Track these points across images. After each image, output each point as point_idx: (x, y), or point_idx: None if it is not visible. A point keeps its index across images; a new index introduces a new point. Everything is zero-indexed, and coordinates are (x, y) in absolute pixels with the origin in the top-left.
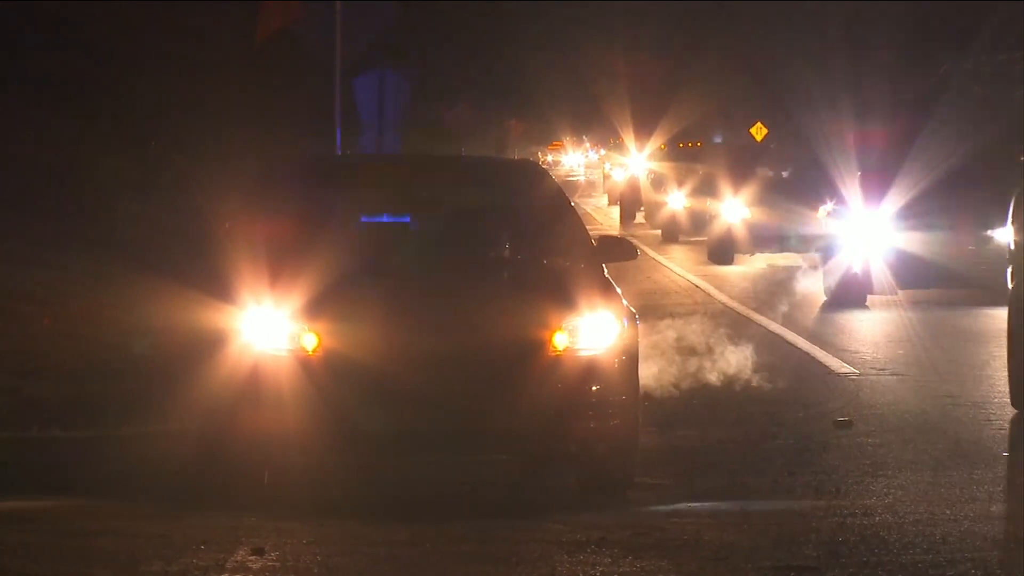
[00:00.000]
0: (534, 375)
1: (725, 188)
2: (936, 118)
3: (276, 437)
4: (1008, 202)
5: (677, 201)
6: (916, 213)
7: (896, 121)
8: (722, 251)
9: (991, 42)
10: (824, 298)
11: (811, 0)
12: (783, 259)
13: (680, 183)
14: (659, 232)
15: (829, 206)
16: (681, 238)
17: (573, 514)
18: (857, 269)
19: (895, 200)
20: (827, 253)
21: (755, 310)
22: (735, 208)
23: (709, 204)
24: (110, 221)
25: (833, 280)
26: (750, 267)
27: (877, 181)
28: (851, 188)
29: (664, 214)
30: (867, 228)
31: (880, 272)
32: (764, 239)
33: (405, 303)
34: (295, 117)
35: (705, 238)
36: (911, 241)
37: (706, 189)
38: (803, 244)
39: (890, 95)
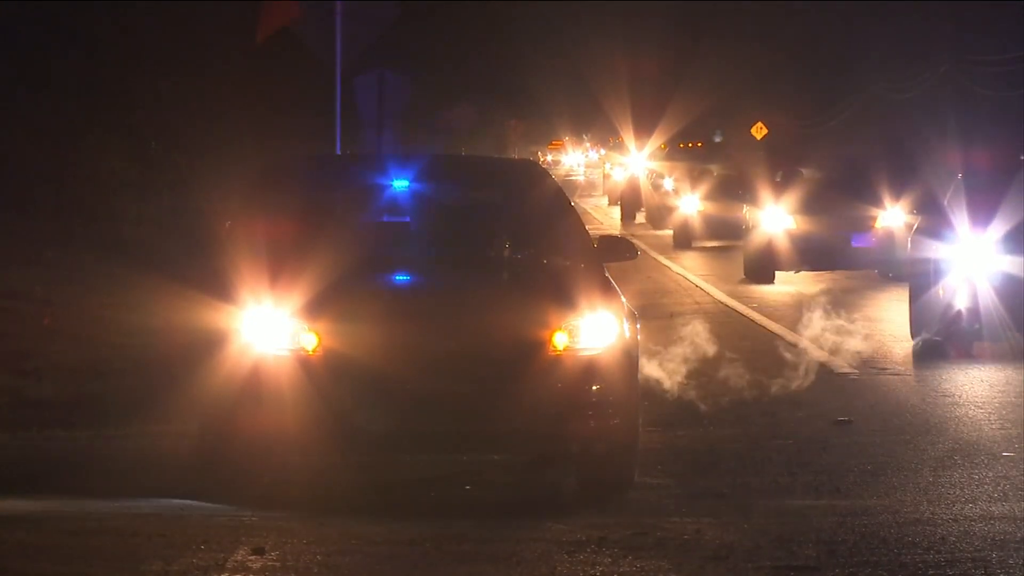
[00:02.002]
0: (534, 375)
1: (765, 193)
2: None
3: (276, 437)
4: None
5: (690, 204)
6: None
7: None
8: (761, 267)
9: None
10: (915, 340)
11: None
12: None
13: (693, 185)
14: (657, 233)
15: (895, 213)
16: (695, 244)
17: (573, 514)
18: (962, 306)
19: (1007, 218)
20: (921, 282)
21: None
22: (776, 216)
23: (746, 212)
24: (110, 221)
25: (929, 318)
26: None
27: (985, 194)
28: (956, 203)
29: (676, 218)
30: (974, 253)
31: (992, 309)
32: (812, 253)
33: (405, 303)
34: (295, 117)
35: (720, 243)
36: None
37: (726, 192)
38: (860, 260)
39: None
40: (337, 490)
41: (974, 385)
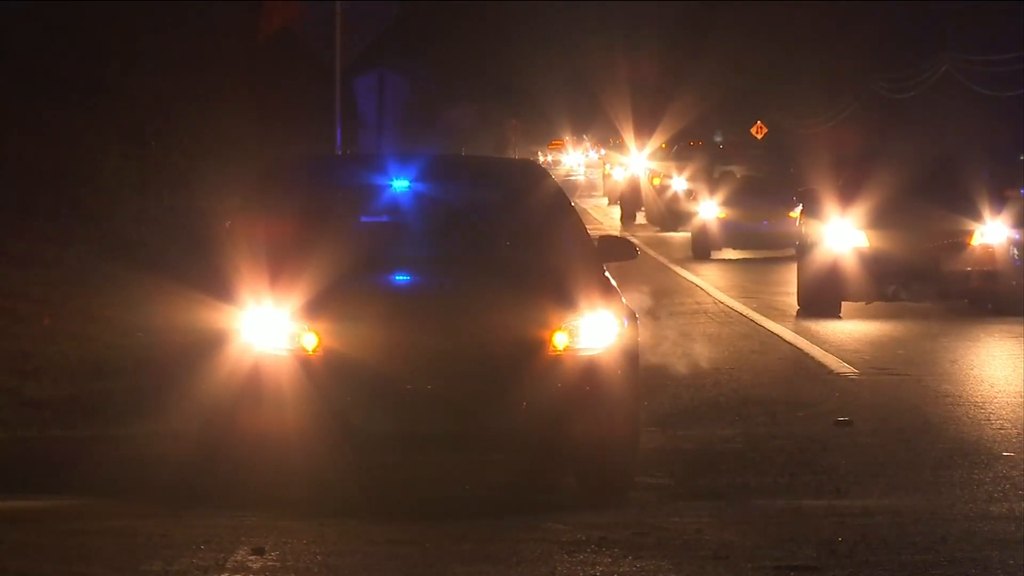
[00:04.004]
0: (534, 375)
1: (828, 202)
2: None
3: (276, 437)
4: None
5: (709, 210)
6: None
7: None
8: (824, 297)
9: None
10: None
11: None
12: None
13: (712, 188)
14: (661, 235)
15: (997, 228)
16: (714, 254)
17: (573, 514)
18: None
19: None
20: None
21: None
22: (843, 232)
23: (801, 225)
24: (110, 221)
25: None
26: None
27: None
28: None
29: (695, 225)
30: None
31: None
32: (889, 279)
33: (405, 303)
34: (295, 116)
35: (744, 255)
36: None
37: (752, 196)
38: (952, 286)
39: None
40: (337, 490)
41: (974, 385)
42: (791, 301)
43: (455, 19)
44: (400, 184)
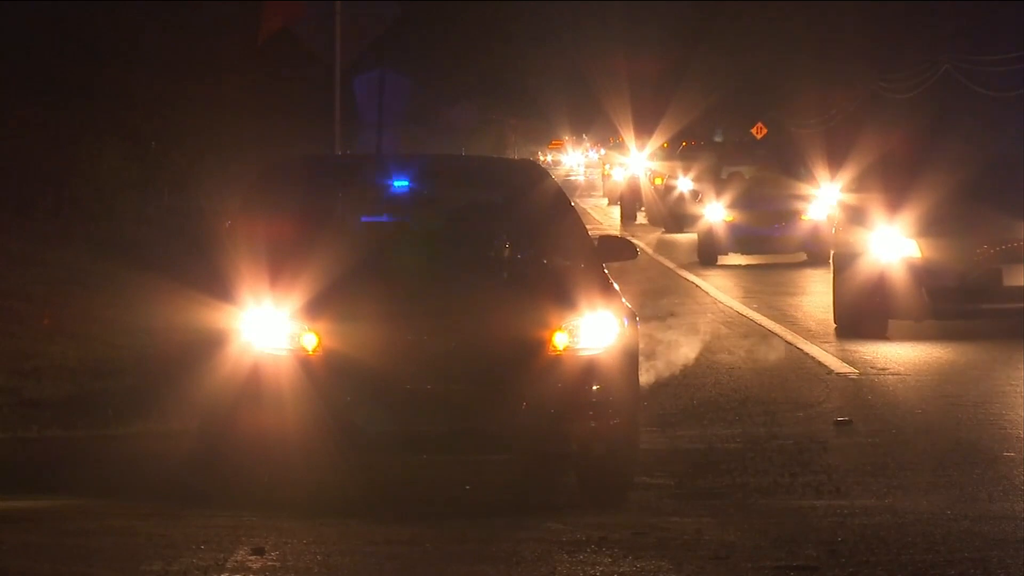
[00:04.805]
0: (534, 375)
1: (873, 208)
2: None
3: (276, 437)
4: None
5: (716, 212)
6: None
7: None
8: (869, 314)
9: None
10: None
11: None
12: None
13: (719, 189)
14: (663, 237)
15: None
16: (720, 260)
17: (573, 514)
18: None
19: None
20: None
21: None
22: (890, 240)
23: (838, 232)
24: (110, 221)
25: None
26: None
27: None
28: None
29: (701, 227)
30: None
31: None
32: (944, 293)
33: (405, 303)
34: (295, 116)
35: (753, 260)
36: None
37: (762, 198)
38: (1019, 302)
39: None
40: (337, 490)
41: (974, 385)
42: (795, 302)
43: (455, 19)
44: (400, 184)
